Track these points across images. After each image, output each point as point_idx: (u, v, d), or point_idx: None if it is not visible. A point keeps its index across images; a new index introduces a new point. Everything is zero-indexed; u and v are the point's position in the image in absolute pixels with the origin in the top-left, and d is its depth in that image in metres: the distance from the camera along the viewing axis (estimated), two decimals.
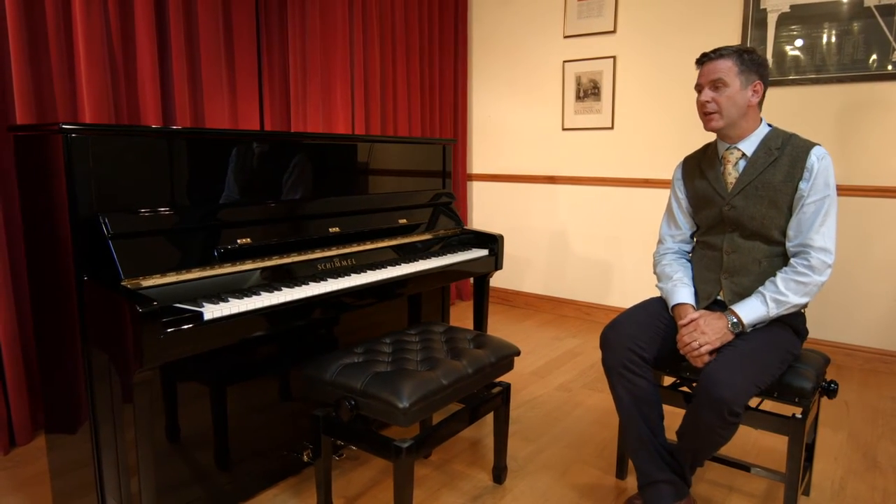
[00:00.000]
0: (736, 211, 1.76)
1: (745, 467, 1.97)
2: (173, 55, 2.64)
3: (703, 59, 1.77)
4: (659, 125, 3.61)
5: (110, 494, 1.60)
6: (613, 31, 3.72)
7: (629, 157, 3.77)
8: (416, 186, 2.51)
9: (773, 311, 1.68)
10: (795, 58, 3.15)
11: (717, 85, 1.72)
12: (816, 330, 3.25)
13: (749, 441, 2.36)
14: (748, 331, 1.69)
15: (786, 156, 1.72)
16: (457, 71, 4.34)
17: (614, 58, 3.73)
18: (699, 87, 1.77)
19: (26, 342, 2.27)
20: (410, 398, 1.57)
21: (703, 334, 1.67)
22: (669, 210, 2.00)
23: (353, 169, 2.24)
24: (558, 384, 2.91)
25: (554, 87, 4.03)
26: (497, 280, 4.51)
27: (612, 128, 3.81)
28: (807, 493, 1.98)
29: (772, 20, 3.18)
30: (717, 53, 1.73)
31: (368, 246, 2.11)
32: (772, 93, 3.24)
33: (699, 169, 1.88)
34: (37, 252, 1.61)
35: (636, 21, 3.65)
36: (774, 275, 1.72)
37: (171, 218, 1.61)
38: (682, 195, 1.95)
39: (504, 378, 2.01)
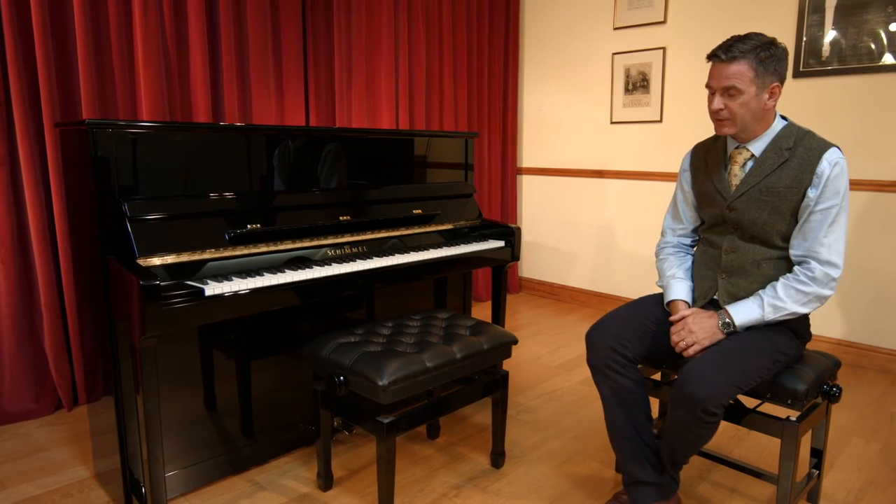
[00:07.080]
0: (737, 213, 1.69)
1: (742, 468, 1.93)
2: (223, 55, 2.86)
3: (714, 59, 1.62)
4: (708, 118, 3.46)
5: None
6: (664, 22, 3.62)
7: (678, 151, 3.66)
8: (437, 178, 2.59)
9: (770, 315, 1.62)
10: (854, 45, 2.94)
11: (730, 92, 1.60)
12: (877, 337, 3.04)
13: (767, 445, 2.27)
14: (740, 332, 1.65)
15: (796, 158, 1.61)
16: (507, 66, 4.37)
17: (664, 49, 3.63)
18: (710, 91, 1.65)
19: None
20: (391, 377, 1.67)
21: (692, 333, 1.65)
22: (674, 202, 1.95)
23: (371, 161, 2.35)
24: (582, 378, 2.91)
25: (603, 80, 3.98)
26: (543, 274, 4.51)
27: (660, 121, 3.71)
28: (814, 500, 1.90)
29: (830, 5, 2.99)
30: (730, 55, 1.57)
31: (381, 234, 2.22)
32: (828, 82, 3.05)
33: (705, 164, 1.82)
34: (74, 232, 1.84)
35: (687, 10, 3.54)
36: (771, 276, 1.67)
37: (186, 204, 1.79)
38: (688, 187, 1.88)
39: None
